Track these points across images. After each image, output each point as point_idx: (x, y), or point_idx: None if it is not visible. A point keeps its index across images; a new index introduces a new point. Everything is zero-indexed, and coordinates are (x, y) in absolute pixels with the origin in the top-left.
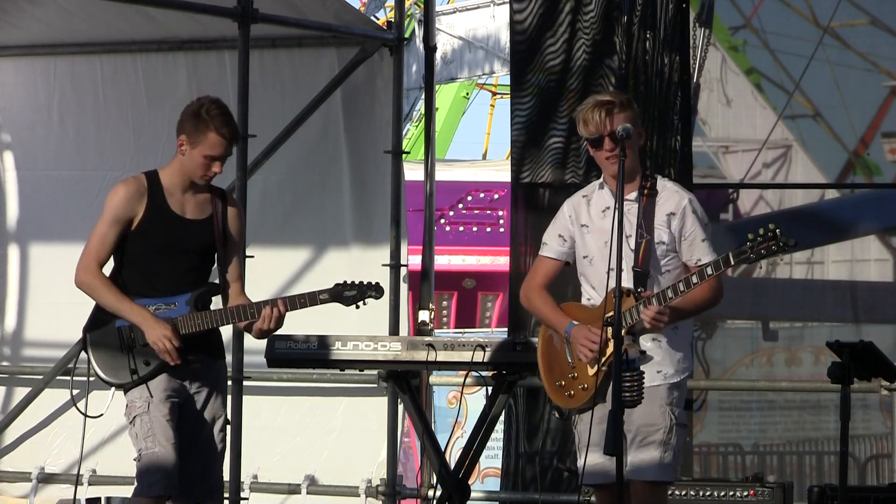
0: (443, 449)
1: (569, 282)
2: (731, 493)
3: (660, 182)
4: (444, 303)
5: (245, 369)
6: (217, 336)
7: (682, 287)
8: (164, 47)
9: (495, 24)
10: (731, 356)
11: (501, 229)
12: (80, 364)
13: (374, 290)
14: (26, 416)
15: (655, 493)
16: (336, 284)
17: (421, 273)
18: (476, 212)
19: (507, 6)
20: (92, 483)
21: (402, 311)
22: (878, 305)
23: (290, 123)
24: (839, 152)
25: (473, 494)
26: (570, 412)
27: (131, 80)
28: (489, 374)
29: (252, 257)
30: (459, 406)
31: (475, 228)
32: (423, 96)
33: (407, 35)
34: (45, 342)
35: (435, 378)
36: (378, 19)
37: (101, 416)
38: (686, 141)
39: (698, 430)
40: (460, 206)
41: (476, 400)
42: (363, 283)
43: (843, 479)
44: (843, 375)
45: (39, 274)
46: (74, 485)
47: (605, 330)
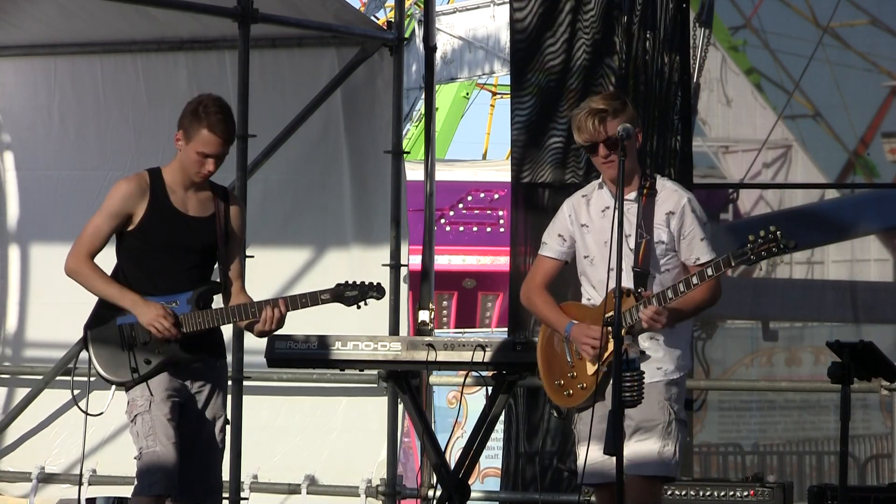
0: (443, 449)
1: (569, 282)
2: (731, 493)
3: (659, 181)
4: (444, 303)
5: (245, 369)
6: (218, 335)
7: (682, 288)
8: (164, 47)
9: (495, 24)
10: (731, 356)
11: (501, 229)
12: (80, 363)
13: (376, 291)
14: (26, 416)
15: (651, 488)
16: (337, 284)
17: (421, 273)
18: (476, 212)
19: (507, 6)
20: (92, 483)
21: (402, 311)
22: (878, 305)
23: (290, 123)
24: (839, 152)
25: (473, 494)
26: (569, 411)
27: (131, 79)
28: (489, 374)
29: (252, 257)
30: (459, 406)
31: (475, 228)
32: (423, 96)
33: (407, 35)
34: (45, 342)
35: (435, 378)
36: (378, 19)
37: (101, 415)
38: (686, 141)
39: (698, 430)
40: (460, 206)
41: (476, 400)
42: (364, 283)
43: (843, 479)
44: (843, 375)
45: (40, 274)
46: (78, 484)
47: (606, 330)
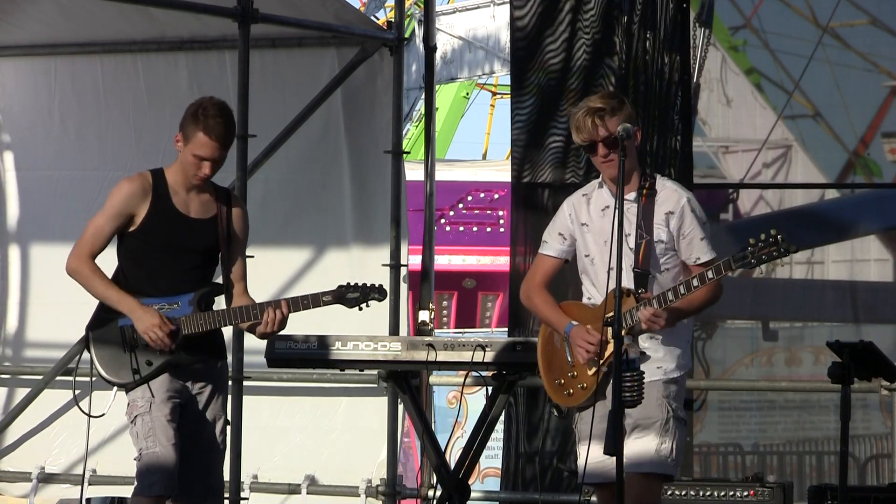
0: (443, 449)
1: (569, 281)
2: (731, 493)
3: (659, 181)
4: (444, 303)
5: (245, 369)
6: (219, 336)
7: (682, 290)
8: (164, 47)
9: (495, 24)
10: (731, 356)
11: (501, 229)
12: (82, 364)
13: (378, 293)
14: (27, 416)
15: (650, 486)
16: (339, 286)
17: (421, 273)
18: (476, 212)
19: (507, 6)
20: (92, 483)
21: (402, 311)
22: (878, 305)
23: (290, 123)
24: (839, 152)
25: (473, 494)
26: (570, 411)
27: (132, 80)
28: (489, 374)
29: (252, 257)
30: (459, 406)
31: (475, 228)
32: (423, 96)
33: (407, 35)
34: (46, 343)
35: (435, 378)
36: (378, 19)
37: (102, 416)
38: (686, 141)
39: (698, 430)
40: (460, 206)
41: (476, 400)
42: (366, 285)
43: (843, 479)
44: (843, 375)
45: (40, 274)
46: (81, 484)
47: (605, 330)
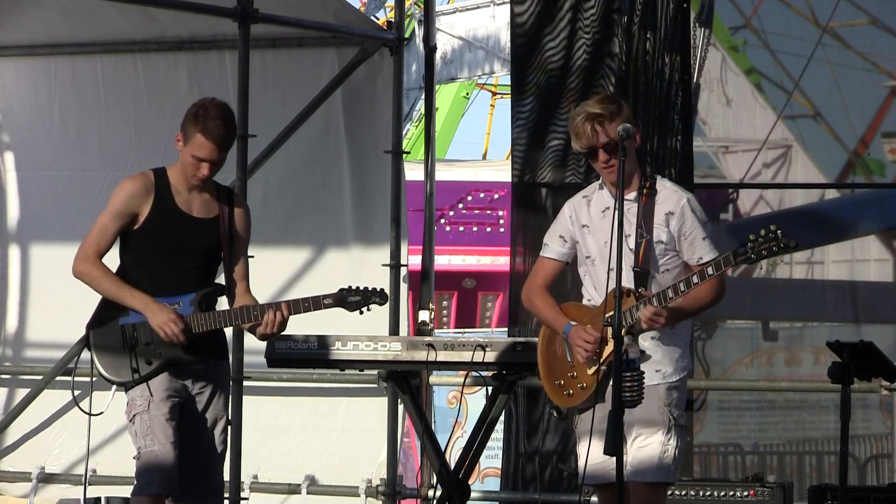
0: (443, 449)
1: (569, 282)
2: (731, 493)
3: (659, 182)
4: (444, 303)
5: (245, 369)
6: (221, 337)
7: (682, 287)
8: (164, 47)
9: (495, 24)
10: (731, 356)
11: (501, 229)
12: (82, 363)
13: (379, 297)
14: (27, 416)
15: (654, 493)
16: (340, 289)
17: (421, 273)
18: (476, 212)
19: (507, 6)
20: (92, 483)
21: (402, 311)
22: (878, 305)
23: (290, 123)
24: (839, 152)
25: (473, 494)
26: (569, 411)
27: (132, 80)
28: (489, 374)
29: (252, 257)
30: (459, 406)
31: (475, 228)
32: (423, 96)
33: (407, 35)
34: (46, 343)
35: (435, 378)
36: (378, 19)
37: (101, 415)
38: (687, 141)
39: (698, 430)
40: (460, 206)
41: (476, 400)
42: (367, 288)
43: (843, 479)
44: (843, 375)
45: (40, 274)
46: (83, 483)
47: (605, 329)
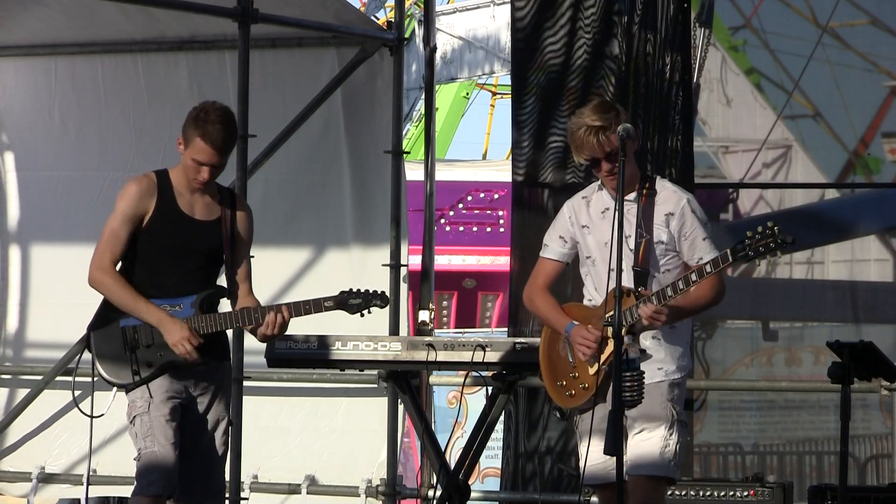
0: (443, 449)
1: (569, 282)
2: (731, 493)
3: (658, 182)
4: (444, 303)
5: (245, 369)
6: (223, 338)
7: (681, 285)
8: (164, 47)
9: (495, 24)
10: (731, 356)
11: (501, 229)
12: (82, 364)
13: (379, 299)
14: (27, 417)
15: (654, 488)
16: (341, 292)
17: (421, 273)
18: (476, 212)
19: (507, 6)
20: (92, 483)
21: (402, 311)
22: (878, 305)
23: (290, 123)
24: (839, 152)
25: (473, 494)
26: (571, 412)
27: (132, 80)
28: (489, 374)
29: (252, 257)
30: (459, 406)
31: (475, 228)
32: (423, 96)
33: (407, 35)
34: (46, 343)
35: (435, 378)
36: (378, 19)
37: (102, 416)
38: (687, 141)
39: (698, 430)
40: (460, 206)
41: (476, 400)
42: (368, 291)
43: (843, 479)
44: (843, 375)
45: (41, 274)
46: (86, 483)
47: (605, 329)
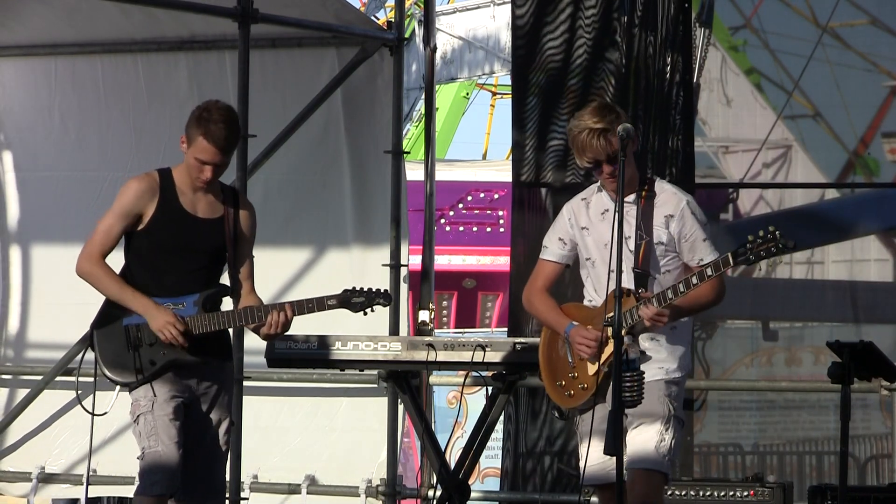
0: (443, 449)
1: (569, 282)
2: (731, 493)
3: (658, 184)
4: (444, 303)
5: (245, 369)
6: (225, 337)
7: (682, 288)
8: (164, 47)
9: (495, 24)
10: (731, 356)
11: (501, 229)
12: (85, 363)
13: (383, 298)
14: (27, 417)
15: (651, 482)
16: (344, 290)
17: (421, 273)
18: (476, 212)
19: (507, 6)
20: (92, 483)
21: (402, 311)
22: (878, 305)
23: (290, 123)
24: (839, 152)
25: (473, 494)
26: (571, 412)
27: (132, 80)
28: (489, 374)
29: (253, 257)
30: (459, 406)
31: (475, 228)
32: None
33: (407, 35)
34: (47, 343)
35: (435, 378)
36: (378, 19)
37: (105, 415)
38: (688, 141)
39: (698, 430)
40: (460, 206)
41: (476, 400)
42: (371, 289)
43: (843, 479)
44: (843, 375)
45: (41, 275)
46: (86, 483)
47: (606, 330)
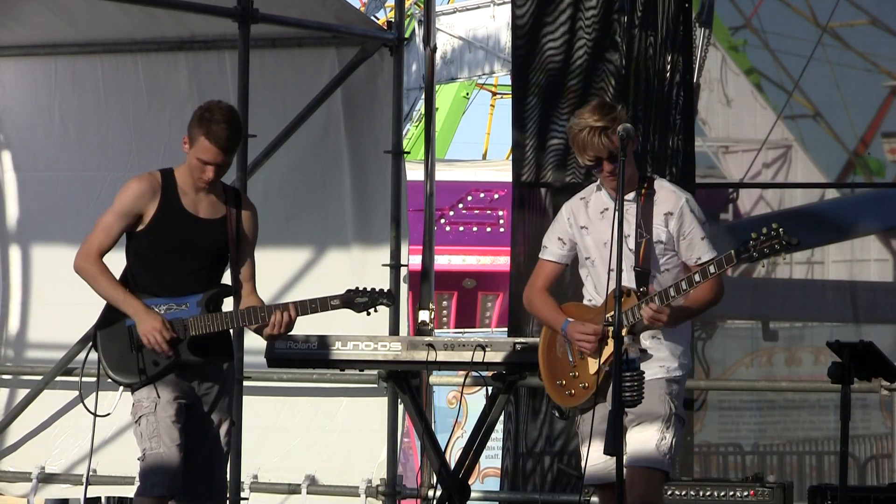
0: (443, 449)
1: (569, 282)
2: (731, 493)
3: (657, 182)
4: (444, 303)
5: (245, 369)
6: (227, 337)
7: (684, 286)
8: (164, 47)
9: (495, 24)
10: (731, 356)
11: (501, 229)
12: (88, 363)
13: (386, 298)
14: (27, 417)
15: (651, 480)
16: (348, 291)
17: (421, 273)
18: (476, 212)
19: (508, 6)
20: (92, 483)
21: (402, 311)
22: (878, 305)
23: (290, 123)
24: (839, 152)
25: (473, 494)
26: (571, 411)
27: (132, 80)
28: (489, 374)
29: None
30: (459, 406)
31: (475, 228)
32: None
33: (407, 35)
34: (47, 343)
35: (435, 378)
36: (378, 19)
37: (108, 415)
38: (688, 141)
39: (698, 430)
40: (460, 206)
41: (476, 400)
42: (375, 290)
43: (843, 479)
44: (843, 375)
45: (41, 275)
46: (85, 483)
47: (606, 330)
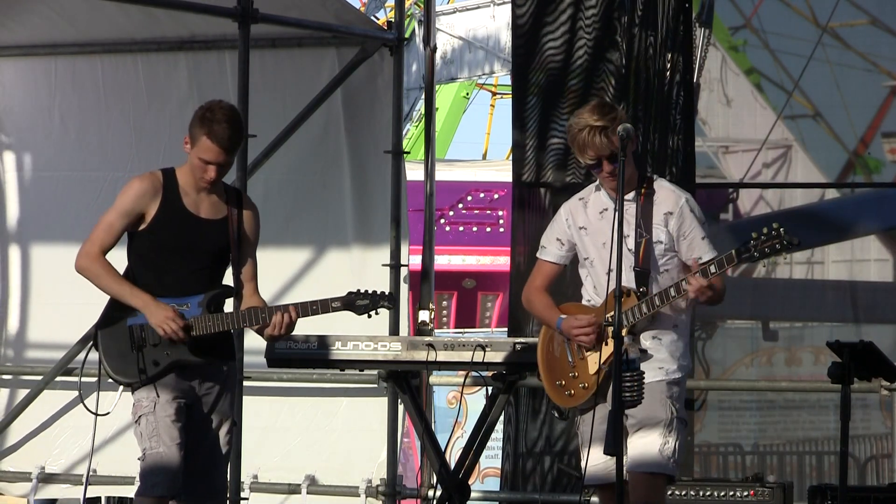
0: (443, 449)
1: (569, 282)
2: (731, 493)
3: (656, 182)
4: (444, 303)
5: (245, 369)
6: (228, 338)
7: (684, 286)
8: (164, 47)
9: (495, 24)
10: (731, 356)
11: (501, 229)
12: (89, 363)
13: (387, 300)
14: (27, 417)
15: (654, 485)
16: (349, 293)
17: (421, 273)
18: (476, 212)
19: (508, 6)
20: (92, 483)
21: (402, 311)
22: (878, 305)
23: (290, 123)
24: (839, 152)
25: (473, 494)
26: (571, 412)
27: (132, 79)
28: (489, 374)
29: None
30: (459, 406)
31: (475, 228)
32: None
33: (407, 35)
34: (47, 343)
35: (435, 378)
36: (378, 19)
37: (108, 415)
38: (688, 141)
39: (698, 430)
40: (460, 206)
41: (476, 400)
42: (376, 292)
43: (843, 479)
44: (843, 375)
45: (41, 275)
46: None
47: (606, 330)
